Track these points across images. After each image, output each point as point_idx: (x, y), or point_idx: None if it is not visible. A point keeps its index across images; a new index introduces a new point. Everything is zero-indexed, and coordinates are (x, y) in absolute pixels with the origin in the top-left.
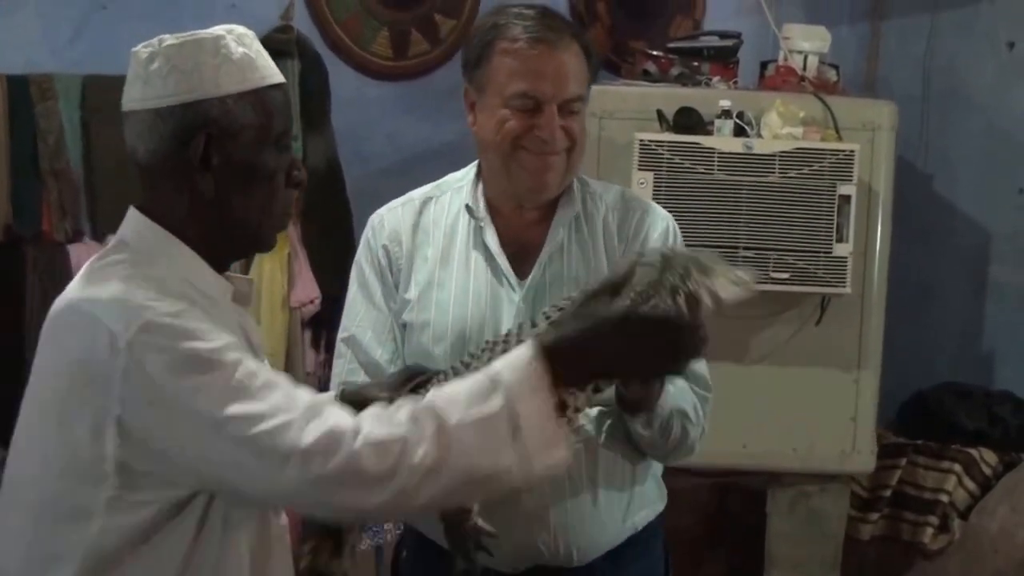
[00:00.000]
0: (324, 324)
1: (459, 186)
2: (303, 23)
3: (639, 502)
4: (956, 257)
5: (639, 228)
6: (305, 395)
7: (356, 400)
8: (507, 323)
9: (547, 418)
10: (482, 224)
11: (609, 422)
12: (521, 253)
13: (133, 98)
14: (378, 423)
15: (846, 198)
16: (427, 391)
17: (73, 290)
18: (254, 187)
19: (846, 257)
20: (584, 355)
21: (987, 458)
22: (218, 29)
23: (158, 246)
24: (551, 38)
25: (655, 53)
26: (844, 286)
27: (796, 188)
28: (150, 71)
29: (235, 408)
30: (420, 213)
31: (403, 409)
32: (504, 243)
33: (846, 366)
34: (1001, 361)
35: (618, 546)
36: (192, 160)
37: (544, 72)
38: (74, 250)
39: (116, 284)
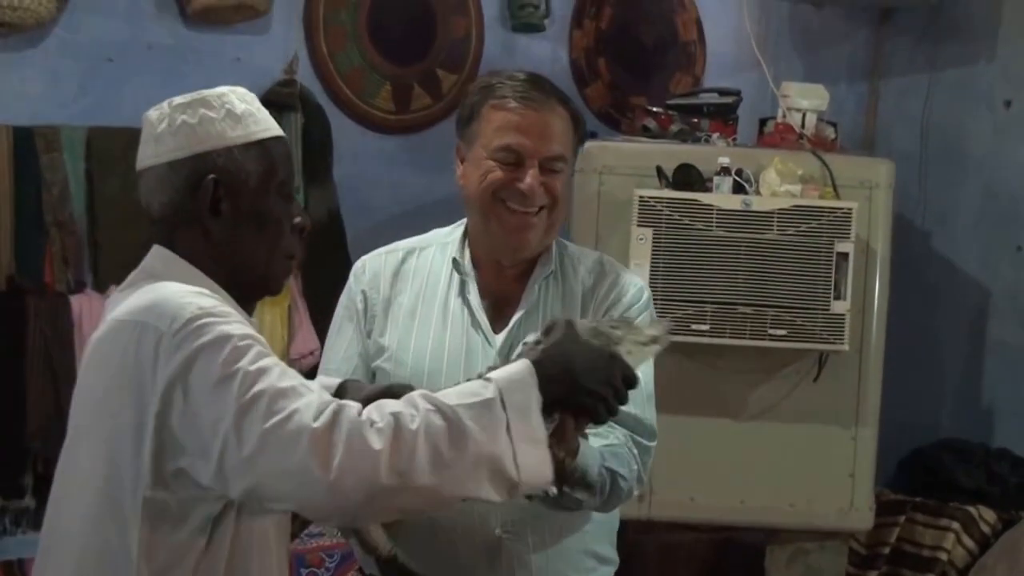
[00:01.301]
0: None
1: (445, 241)
2: (307, 77)
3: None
4: (955, 314)
5: (611, 290)
6: (314, 385)
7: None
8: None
9: (535, 416)
10: (466, 279)
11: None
12: (499, 308)
13: (146, 156)
14: (375, 408)
15: (844, 255)
16: None
17: (111, 314)
18: (261, 231)
19: (844, 314)
20: (563, 368)
21: (986, 516)
22: (220, 88)
23: (185, 275)
24: (538, 99)
25: (655, 109)
26: (842, 343)
27: (794, 245)
28: (160, 130)
29: (260, 387)
30: (402, 262)
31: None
32: (483, 297)
33: (844, 423)
34: (1000, 418)
35: None
36: (203, 206)
37: (528, 129)
38: (76, 301)
39: (153, 293)
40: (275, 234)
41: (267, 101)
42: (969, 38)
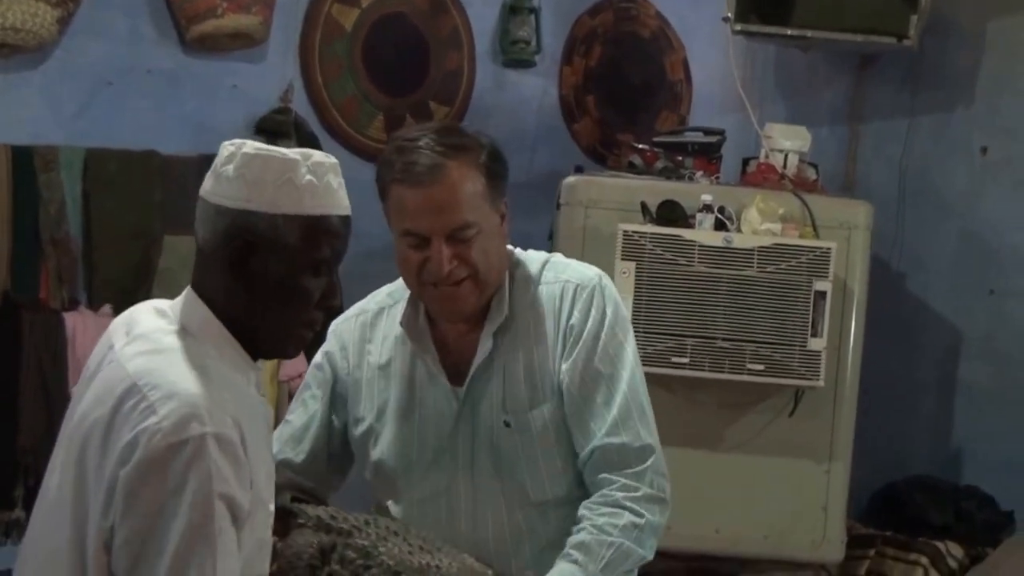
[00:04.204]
0: None
1: (405, 296)
2: (301, 105)
3: None
4: (927, 355)
5: (559, 308)
6: None
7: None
8: (450, 431)
9: None
10: (418, 343)
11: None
12: (461, 360)
13: (206, 188)
14: None
15: (822, 294)
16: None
17: (135, 363)
18: (284, 303)
19: (820, 351)
20: None
21: (953, 551)
22: (297, 153)
23: (213, 337)
24: (430, 174)
25: (641, 146)
26: (818, 379)
27: (773, 282)
28: (223, 170)
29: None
30: (372, 325)
31: None
32: (446, 352)
33: (818, 457)
34: (969, 457)
35: None
36: (230, 262)
37: (424, 209)
38: (70, 318)
39: (177, 376)
40: (299, 309)
41: (262, 128)
42: (948, 86)
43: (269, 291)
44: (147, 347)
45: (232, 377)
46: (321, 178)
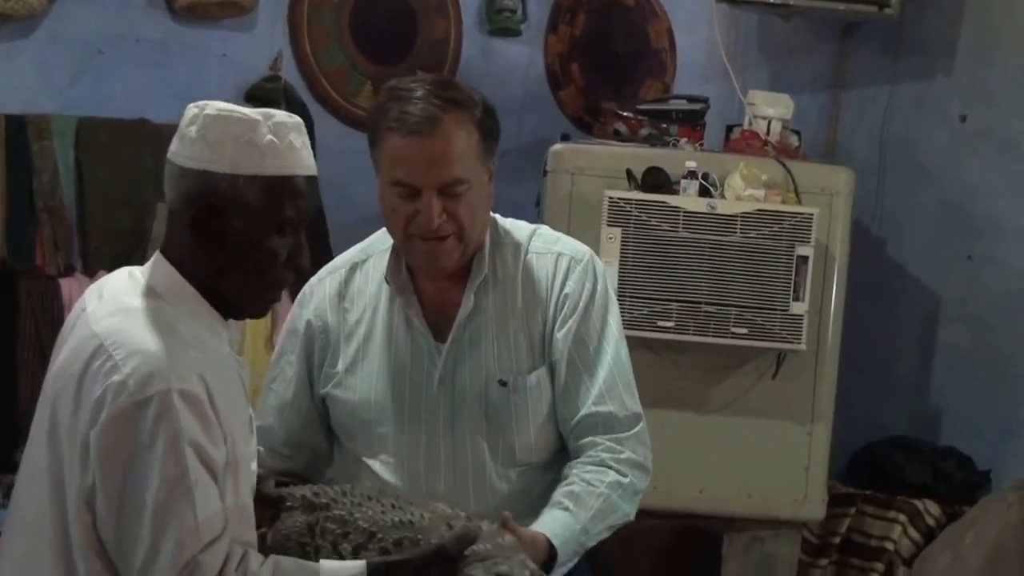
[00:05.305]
0: None
1: (384, 248)
2: (290, 73)
3: None
4: (906, 318)
5: (552, 278)
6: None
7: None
8: (429, 390)
9: None
10: (402, 295)
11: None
12: (442, 316)
13: (172, 149)
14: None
15: (804, 259)
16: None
17: (102, 323)
18: (249, 262)
19: (802, 315)
20: None
21: (931, 510)
22: (258, 113)
23: (182, 298)
24: (426, 125)
25: (626, 114)
26: (800, 342)
27: (756, 248)
28: (187, 131)
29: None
30: (346, 282)
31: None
32: (425, 307)
33: (800, 419)
34: (947, 418)
35: None
36: (193, 222)
37: (418, 160)
38: (65, 284)
39: (142, 335)
40: (265, 269)
41: (251, 96)
42: (928, 54)
43: (234, 252)
44: (114, 308)
45: (201, 336)
46: (283, 138)
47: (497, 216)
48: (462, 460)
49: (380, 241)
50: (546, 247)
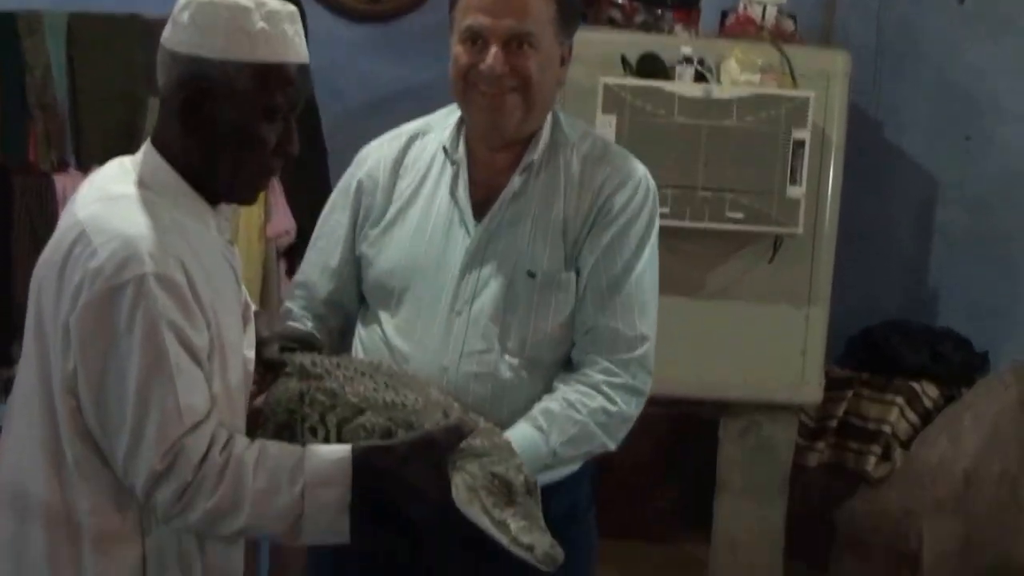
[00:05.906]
0: (299, 255)
1: (446, 124)
2: None
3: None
4: (904, 201)
5: (602, 185)
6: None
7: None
8: (456, 265)
9: (336, 511)
10: (456, 166)
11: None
12: (488, 198)
13: (164, 35)
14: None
15: (800, 143)
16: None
17: (85, 210)
18: (237, 148)
19: (799, 199)
20: (385, 467)
21: (928, 392)
22: (251, 0)
23: (168, 187)
24: None
25: (620, 1)
26: (796, 226)
27: (753, 132)
28: (180, 16)
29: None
30: (405, 149)
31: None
32: (475, 186)
33: (797, 302)
34: (944, 301)
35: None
36: (181, 107)
37: (490, 7)
38: (59, 180)
39: (121, 220)
40: (255, 154)
41: None
42: None
43: (223, 137)
44: (98, 195)
45: (184, 223)
46: (276, 26)
47: (561, 112)
48: (472, 342)
49: (445, 115)
50: (604, 153)
